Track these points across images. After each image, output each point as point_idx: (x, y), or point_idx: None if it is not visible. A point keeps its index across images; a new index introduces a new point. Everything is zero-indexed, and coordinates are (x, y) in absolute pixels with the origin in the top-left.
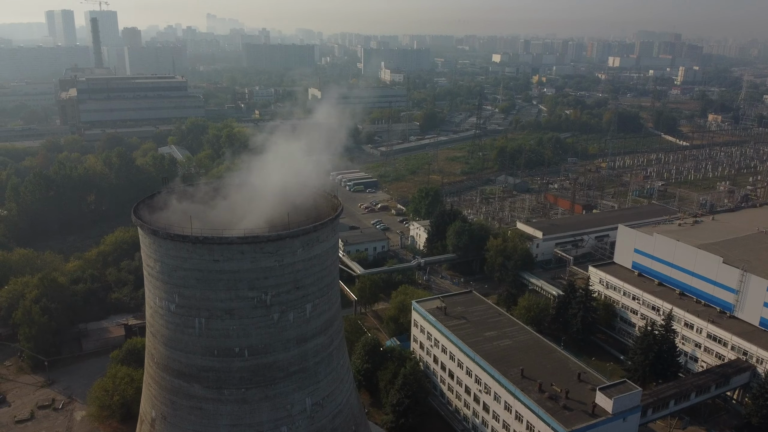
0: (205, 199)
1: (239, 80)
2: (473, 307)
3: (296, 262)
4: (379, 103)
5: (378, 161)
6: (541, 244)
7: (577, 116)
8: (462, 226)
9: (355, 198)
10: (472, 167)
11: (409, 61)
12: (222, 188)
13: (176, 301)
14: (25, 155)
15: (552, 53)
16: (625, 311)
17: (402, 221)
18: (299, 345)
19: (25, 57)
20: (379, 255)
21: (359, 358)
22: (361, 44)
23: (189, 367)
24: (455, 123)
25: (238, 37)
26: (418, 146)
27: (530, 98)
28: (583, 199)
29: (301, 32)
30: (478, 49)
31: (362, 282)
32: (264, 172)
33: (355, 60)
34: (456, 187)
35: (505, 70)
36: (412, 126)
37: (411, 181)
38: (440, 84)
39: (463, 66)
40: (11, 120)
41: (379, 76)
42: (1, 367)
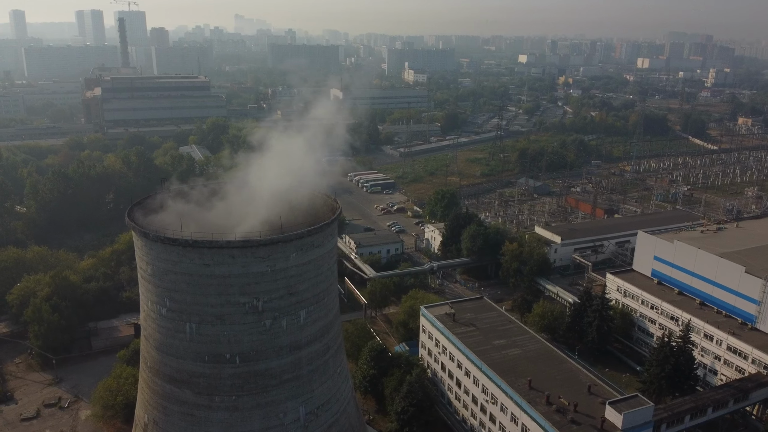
0: (204, 200)
1: (263, 80)
2: (483, 314)
3: (289, 267)
4: (400, 103)
5: (397, 162)
6: (559, 249)
7: (603, 118)
8: (477, 230)
9: (371, 199)
10: (492, 169)
11: (434, 62)
12: (221, 189)
13: (167, 305)
14: (48, 153)
15: (579, 54)
16: (643, 321)
17: (418, 223)
18: (293, 352)
19: (55, 56)
20: (392, 258)
21: (365, 364)
22: (386, 45)
23: (180, 372)
24: (477, 124)
25: (264, 37)
26: (439, 147)
27: (555, 99)
28: (605, 203)
29: (328, 33)
30: (504, 50)
31: (373, 285)
32: (264, 173)
33: (379, 60)
34: (475, 190)
35: (530, 70)
36: (433, 127)
37: (429, 182)
38: (464, 85)
39: (489, 67)
40: (38, 118)
41: (402, 76)
42: (11, 364)
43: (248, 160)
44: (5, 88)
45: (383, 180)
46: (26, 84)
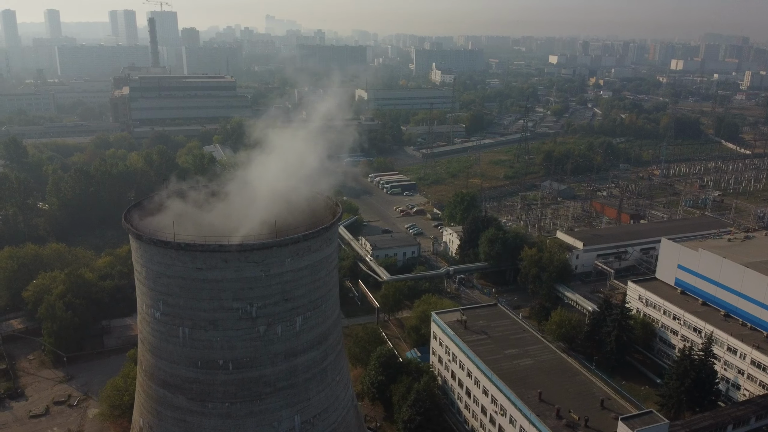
0: (205, 201)
1: (290, 81)
2: (496, 322)
3: (284, 272)
4: (424, 104)
5: (419, 164)
6: (581, 255)
7: (633, 120)
8: (495, 234)
9: (391, 201)
10: (516, 172)
11: (462, 62)
12: (223, 190)
13: (161, 309)
14: (74, 151)
15: (612, 55)
16: (664, 331)
17: (437, 226)
18: (288, 360)
19: (87, 55)
20: (408, 261)
21: (373, 370)
22: (415, 45)
23: (173, 377)
24: (503, 125)
25: (293, 38)
26: (462, 149)
27: (585, 101)
28: (632, 208)
29: (357, 33)
30: (534, 51)
31: (386, 289)
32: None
33: (407, 61)
34: (497, 192)
35: (561, 71)
36: (457, 128)
37: (451, 184)
38: (492, 85)
39: (518, 67)
40: (68, 116)
41: (429, 77)
42: (25, 360)
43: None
44: (37, 87)
45: (404, 181)
46: (58, 82)
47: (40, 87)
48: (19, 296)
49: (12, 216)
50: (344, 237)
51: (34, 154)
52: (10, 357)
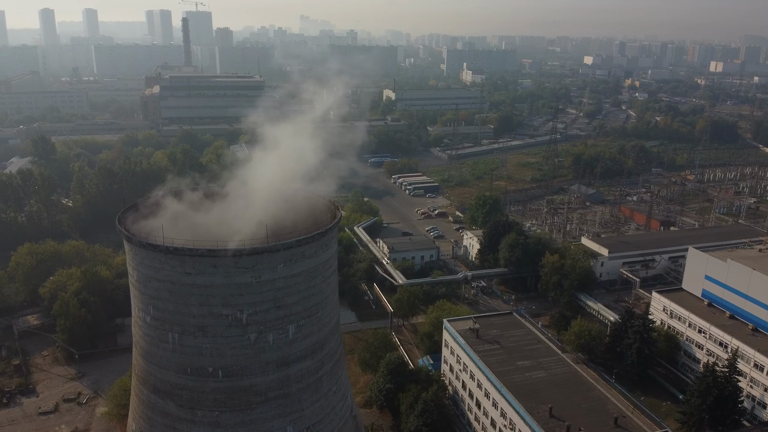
0: (203, 203)
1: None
2: (510, 331)
3: (276, 279)
4: (452, 104)
5: (443, 165)
6: (606, 262)
7: (667, 123)
8: (516, 239)
9: (413, 202)
10: (544, 174)
11: (494, 63)
12: (222, 192)
13: (151, 313)
14: (103, 148)
15: (649, 56)
16: (689, 345)
17: (458, 229)
18: (280, 369)
19: (123, 54)
20: (426, 264)
21: (382, 377)
22: (447, 45)
23: (163, 383)
24: (533, 127)
25: (326, 38)
26: (489, 150)
27: (619, 103)
28: (662, 214)
29: (390, 33)
30: (569, 51)
31: (401, 293)
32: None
33: (439, 61)
34: (523, 195)
35: (595, 72)
36: (486, 129)
37: (475, 186)
38: (524, 86)
39: (551, 68)
40: (101, 114)
41: (460, 77)
42: (39, 356)
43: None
44: (72, 85)
45: (427, 183)
46: (92, 81)
47: (75, 85)
48: (37, 292)
49: (36, 212)
50: (362, 239)
51: (63, 151)
52: (24, 353)
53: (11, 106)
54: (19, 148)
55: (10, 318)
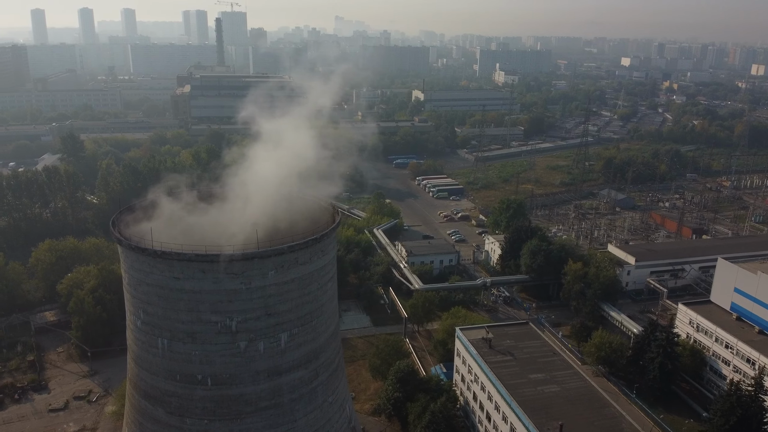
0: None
1: (350, 81)
2: (525, 342)
3: (267, 285)
4: (482, 105)
5: (470, 167)
6: (632, 271)
7: (705, 127)
8: (538, 245)
9: (436, 205)
10: (574, 178)
11: (528, 63)
12: (221, 193)
13: (141, 317)
14: (132, 146)
15: (688, 58)
16: (715, 360)
17: (481, 233)
18: (271, 378)
19: (158, 54)
20: (446, 269)
21: (391, 385)
22: (481, 46)
23: (153, 388)
24: (565, 129)
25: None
26: (518, 152)
27: (655, 105)
28: (694, 222)
29: (424, 34)
30: (606, 52)
31: (416, 298)
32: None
33: (472, 62)
34: (550, 200)
35: (632, 74)
36: (516, 131)
37: (501, 189)
38: (557, 87)
39: (587, 69)
40: (134, 112)
41: (492, 78)
42: (54, 353)
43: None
44: (107, 83)
45: (451, 185)
46: (127, 80)
47: (110, 84)
48: (55, 289)
49: (61, 209)
50: (381, 241)
51: (92, 149)
52: (39, 349)
53: (46, 103)
54: (50, 145)
55: (28, 313)
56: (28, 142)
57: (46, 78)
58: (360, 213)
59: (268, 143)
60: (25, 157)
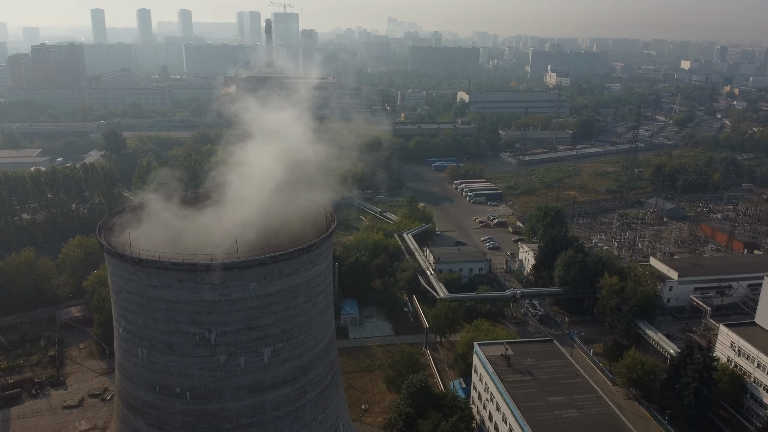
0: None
1: (397, 83)
2: (546, 362)
3: (248, 297)
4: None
5: (511, 171)
6: (675, 286)
7: (765, 135)
8: (573, 256)
9: (472, 210)
10: (621, 185)
11: (582, 65)
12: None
13: (123, 325)
14: (175, 144)
15: (752, 62)
16: (757, 388)
17: (517, 241)
18: (253, 394)
19: (211, 54)
20: (475, 278)
21: (403, 399)
22: (535, 47)
23: (135, 398)
24: (616, 133)
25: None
26: (564, 157)
27: (714, 111)
28: (747, 235)
29: (477, 35)
30: (666, 55)
31: (439, 308)
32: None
33: (524, 63)
34: (594, 207)
35: (692, 78)
36: (563, 134)
37: (543, 195)
38: (611, 90)
39: (644, 72)
40: (183, 111)
41: (544, 80)
42: (75, 348)
43: None
44: (158, 82)
45: (489, 190)
46: (178, 79)
47: (160, 83)
48: (82, 285)
49: (98, 205)
50: (409, 246)
51: (135, 146)
52: (62, 344)
53: (98, 101)
54: (98, 141)
55: (54, 308)
56: (77, 138)
57: (100, 76)
58: (392, 216)
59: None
60: (72, 153)
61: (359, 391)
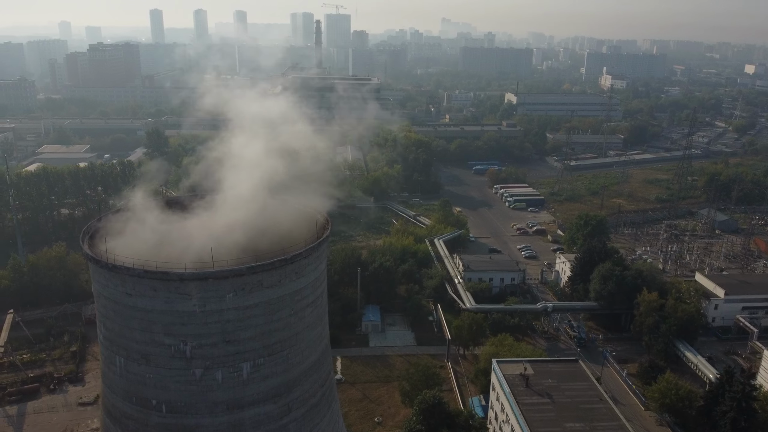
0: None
1: (445, 84)
2: (569, 384)
3: (225, 309)
4: (580, 110)
5: (556, 176)
6: (720, 305)
7: None
8: (610, 269)
9: (511, 216)
10: (672, 194)
11: (639, 68)
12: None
13: (102, 332)
14: None
15: None
16: None
17: (556, 250)
18: (231, 411)
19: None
20: (506, 288)
21: (415, 416)
22: (592, 48)
23: (114, 407)
24: (671, 139)
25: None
26: (613, 162)
27: None
28: None
29: (532, 36)
30: (730, 58)
31: (462, 319)
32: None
33: (579, 65)
34: (640, 217)
35: (756, 83)
36: (614, 139)
37: (587, 202)
38: (670, 94)
39: (706, 76)
40: None
41: (598, 82)
42: (97, 345)
43: None
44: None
45: (530, 195)
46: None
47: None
48: None
49: None
50: (440, 252)
51: (177, 145)
52: (85, 340)
53: (150, 99)
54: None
55: (81, 304)
56: (125, 135)
57: (153, 75)
58: (425, 220)
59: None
60: (120, 150)
61: (374, 403)
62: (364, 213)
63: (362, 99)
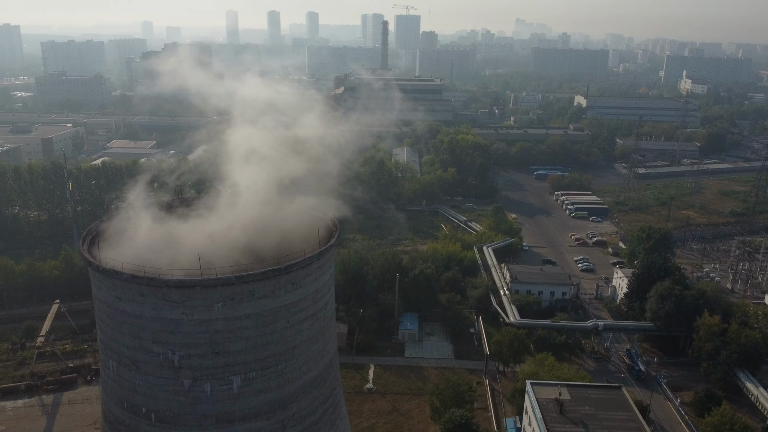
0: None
1: (513, 85)
2: (608, 412)
3: (213, 319)
4: (654, 116)
5: (623, 184)
6: None
7: None
8: (669, 288)
9: (571, 225)
10: (748, 208)
11: (722, 72)
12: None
13: (99, 335)
14: None
15: None
16: None
17: (615, 264)
18: (221, 425)
19: (332, 55)
20: (557, 303)
21: None
22: (674, 51)
23: (108, 411)
24: (752, 149)
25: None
26: (686, 171)
27: None
28: None
29: (609, 37)
30: None
31: (502, 334)
32: None
33: (658, 68)
34: (711, 231)
35: None
36: (690, 146)
37: (655, 213)
38: (753, 100)
39: None
40: None
41: (678, 86)
42: None
43: None
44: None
45: (593, 204)
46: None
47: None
48: None
49: None
50: (488, 261)
51: None
52: None
53: None
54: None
55: None
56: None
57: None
58: (476, 227)
59: None
60: (185, 147)
61: (403, 416)
62: (413, 217)
63: (425, 101)
